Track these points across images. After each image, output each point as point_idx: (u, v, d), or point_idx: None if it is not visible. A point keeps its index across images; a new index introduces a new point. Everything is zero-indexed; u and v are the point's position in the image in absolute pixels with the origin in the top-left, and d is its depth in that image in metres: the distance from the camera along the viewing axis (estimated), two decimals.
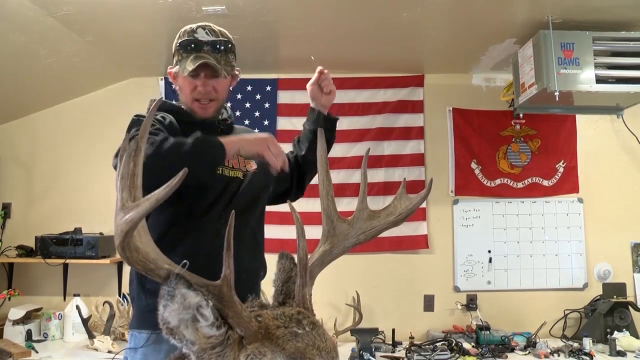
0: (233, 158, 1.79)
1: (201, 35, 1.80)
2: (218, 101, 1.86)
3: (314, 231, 1.47)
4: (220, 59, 1.80)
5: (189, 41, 1.79)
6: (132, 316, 1.83)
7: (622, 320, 3.45)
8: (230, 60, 1.85)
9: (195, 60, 1.75)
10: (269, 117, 3.91)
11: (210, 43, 1.80)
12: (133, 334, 1.75)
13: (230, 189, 1.77)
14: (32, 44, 3.07)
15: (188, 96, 1.82)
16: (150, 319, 1.66)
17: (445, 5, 2.86)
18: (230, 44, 1.86)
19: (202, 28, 1.82)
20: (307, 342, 1.04)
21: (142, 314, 1.73)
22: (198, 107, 1.83)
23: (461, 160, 3.93)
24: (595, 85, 2.98)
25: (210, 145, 1.61)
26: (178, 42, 1.83)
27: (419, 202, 1.41)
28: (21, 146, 3.95)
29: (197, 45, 1.79)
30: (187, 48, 1.80)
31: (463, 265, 3.90)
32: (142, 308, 1.72)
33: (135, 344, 1.71)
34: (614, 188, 3.92)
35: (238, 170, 1.83)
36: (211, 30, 1.83)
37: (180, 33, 1.85)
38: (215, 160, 1.65)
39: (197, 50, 1.78)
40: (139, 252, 1.05)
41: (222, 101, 1.90)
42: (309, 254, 1.21)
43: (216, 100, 1.85)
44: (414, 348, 3.32)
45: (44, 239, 3.55)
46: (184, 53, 1.80)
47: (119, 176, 1.08)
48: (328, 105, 2.01)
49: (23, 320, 3.46)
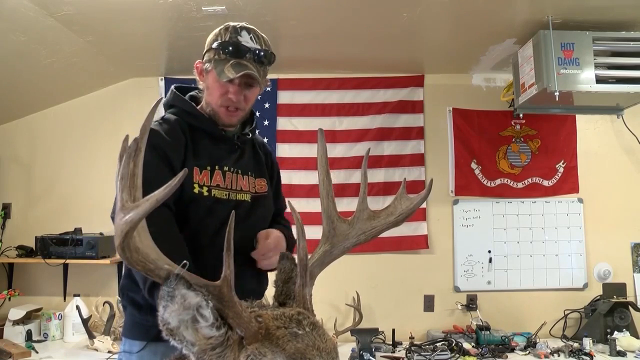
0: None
1: (245, 39, 1.67)
2: (244, 110, 1.76)
3: (314, 231, 1.48)
4: (260, 70, 1.68)
5: (233, 44, 1.65)
6: (123, 324, 1.80)
7: (622, 320, 3.45)
8: (267, 72, 1.75)
9: (237, 67, 1.63)
10: (269, 117, 3.91)
11: (254, 52, 1.67)
12: (126, 340, 1.73)
13: (239, 213, 1.65)
14: (32, 44, 3.07)
15: (216, 100, 1.70)
16: (140, 330, 1.67)
17: (445, 5, 2.86)
18: (273, 56, 1.74)
19: (247, 31, 1.69)
20: (308, 343, 1.04)
21: (132, 324, 1.72)
22: (225, 113, 1.72)
23: (461, 160, 3.93)
24: (595, 85, 2.98)
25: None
26: (218, 39, 1.68)
27: (419, 203, 1.41)
28: (21, 146, 3.95)
29: (241, 51, 1.65)
30: (228, 50, 1.65)
31: (463, 265, 3.90)
32: (132, 319, 1.72)
33: (130, 348, 1.70)
34: (614, 188, 3.92)
35: (247, 193, 1.76)
36: (256, 36, 1.70)
37: (222, 30, 1.70)
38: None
39: (239, 56, 1.65)
40: (139, 253, 1.04)
41: (248, 110, 1.80)
42: (309, 255, 1.21)
43: (243, 110, 1.75)
44: (414, 348, 3.32)
45: (44, 239, 3.55)
46: (222, 54, 1.66)
47: (118, 176, 1.08)
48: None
49: (23, 321, 3.47)
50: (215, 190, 1.68)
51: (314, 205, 3.52)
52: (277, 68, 3.90)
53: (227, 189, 1.70)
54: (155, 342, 1.62)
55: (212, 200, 1.66)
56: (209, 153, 1.71)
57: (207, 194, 1.65)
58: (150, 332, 1.63)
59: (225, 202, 1.68)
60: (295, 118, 3.91)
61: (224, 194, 1.69)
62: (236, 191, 1.72)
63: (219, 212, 1.66)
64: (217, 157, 1.72)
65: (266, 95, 3.91)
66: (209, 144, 1.72)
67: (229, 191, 1.70)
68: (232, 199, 1.70)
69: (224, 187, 1.70)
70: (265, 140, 3.86)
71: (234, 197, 1.71)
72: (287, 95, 3.95)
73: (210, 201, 1.66)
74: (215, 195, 1.67)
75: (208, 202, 1.65)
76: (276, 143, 3.90)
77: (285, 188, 3.69)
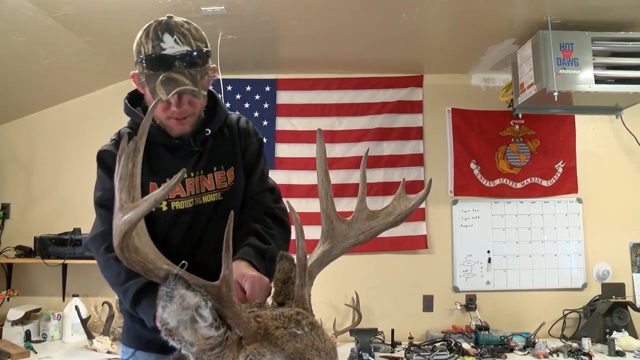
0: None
1: (169, 44, 1.46)
2: (196, 114, 1.59)
3: (313, 231, 1.47)
4: (196, 74, 1.49)
5: (156, 58, 1.46)
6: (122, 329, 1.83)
7: (621, 320, 3.45)
8: (207, 71, 1.55)
9: (168, 85, 1.44)
10: (268, 117, 3.91)
11: (182, 57, 1.47)
12: (121, 345, 1.77)
13: (202, 218, 1.63)
14: (31, 44, 3.06)
15: (161, 115, 1.54)
16: (131, 337, 1.69)
17: (445, 5, 2.86)
18: (207, 50, 1.54)
19: (169, 32, 1.47)
20: (306, 343, 1.04)
21: (126, 330, 1.75)
22: (175, 124, 1.56)
23: (460, 160, 3.93)
24: (594, 85, 2.99)
25: (141, 312, 1.44)
26: (141, 51, 1.48)
27: (418, 203, 1.41)
28: (20, 146, 3.94)
29: (167, 62, 1.46)
30: (153, 65, 1.46)
31: (462, 265, 3.90)
32: (126, 325, 1.74)
33: (123, 354, 1.75)
34: (613, 188, 3.92)
35: (214, 193, 1.66)
36: (182, 35, 1.49)
37: (142, 38, 1.49)
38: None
39: (167, 68, 1.46)
40: (137, 253, 1.05)
41: (200, 113, 1.63)
42: (308, 255, 1.21)
43: (194, 115, 1.58)
44: (413, 348, 3.32)
45: (42, 239, 3.55)
46: (150, 70, 1.47)
47: (117, 177, 1.08)
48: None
49: (22, 321, 3.46)
50: (176, 202, 1.62)
51: (313, 206, 3.52)
52: (277, 68, 3.96)
53: (190, 196, 1.63)
54: (147, 352, 1.64)
55: (173, 212, 1.62)
56: (165, 166, 1.61)
57: (166, 208, 1.61)
58: (140, 341, 1.65)
59: (189, 209, 1.63)
60: (295, 118, 3.91)
61: (188, 202, 1.63)
62: (201, 194, 1.65)
63: (182, 222, 1.62)
64: (174, 168, 1.57)
65: (265, 95, 3.91)
66: (165, 155, 1.63)
67: (193, 197, 1.63)
68: (198, 203, 1.64)
69: (185, 197, 1.63)
70: (264, 140, 3.89)
71: (200, 202, 1.64)
72: (287, 95, 3.95)
73: (170, 214, 1.61)
74: (176, 207, 1.62)
75: (169, 216, 1.61)
76: (275, 143, 3.90)
77: (284, 188, 3.73)
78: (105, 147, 1.68)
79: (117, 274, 1.49)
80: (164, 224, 1.61)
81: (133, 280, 1.44)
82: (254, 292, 1.34)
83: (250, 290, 1.34)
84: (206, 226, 1.65)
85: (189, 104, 1.53)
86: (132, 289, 1.44)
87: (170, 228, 1.62)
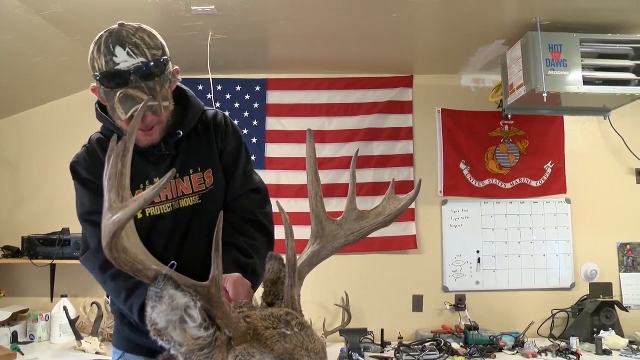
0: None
1: (122, 58, 1.39)
2: (163, 122, 1.54)
3: (302, 232, 1.47)
4: (154, 86, 1.43)
5: (110, 74, 1.40)
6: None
7: (608, 320, 3.49)
8: (167, 78, 1.48)
9: (125, 101, 1.39)
10: (258, 117, 3.90)
11: (137, 71, 1.40)
12: (112, 347, 1.78)
13: (181, 221, 1.61)
14: (19, 43, 3.04)
15: (126, 128, 1.46)
16: (120, 339, 1.71)
17: (435, 6, 2.87)
18: (164, 58, 1.46)
19: (121, 45, 1.39)
20: (296, 343, 1.04)
21: (116, 332, 1.76)
22: (142, 135, 1.51)
23: (450, 161, 3.95)
24: (582, 86, 3.01)
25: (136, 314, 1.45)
26: (95, 66, 1.43)
27: (408, 203, 1.41)
28: (8, 146, 3.91)
29: (122, 78, 1.40)
30: (109, 83, 1.42)
31: (452, 265, 3.91)
32: (116, 327, 1.75)
33: (113, 355, 1.76)
34: (601, 189, 3.96)
35: (192, 196, 1.62)
36: (134, 46, 1.40)
37: (94, 53, 1.42)
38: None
39: (123, 84, 1.40)
40: (127, 253, 1.04)
41: (168, 118, 1.57)
42: (297, 255, 1.21)
43: (161, 123, 1.53)
44: (403, 348, 3.33)
45: (30, 239, 3.52)
46: (106, 87, 1.43)
47: (106, 177, 1.07)
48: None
49: (9, 322, 3.43)
50: (151, 209, 1.59)
51: (302, 206, 3.53)
52: (267, 68, 3.95)
53: (167, 201, 1.60)
54: (136, 355, 1.65)
55: (149, 219, 1.59)
56: (136, 171, 1.49)
57: (141, 215, 1.57)
58: (130, 344, 1.66)
59: (167, 215, 1.60)
60: (285, 118, 3.91)
61: (165, 207, 1.60)
62: (179, 198, 1.61)
63: (161, 228, 1.60)
64: (146, 174, 1.59)
65: (255, 95, 3.91)
66: (136, 161, 1.52)
67: (170, 202, 1.60)
68: (177, 208, 1.61)
69: (160, 202, 1.60)
70: (254, 140, 3.91)
71: (177, 206, 1.61)
72: (277, 95, 3.94)
73: (147, 222, 1.58)
74: (152, 214, 1.59)
75: (145, 223, 1.57)
76: (265, 143, 3.89)
77: (274, 188, 3.73)
78: (76, 157, 1.69)
79: (117, 293, 1.50)
80: (142, 232, 1.57)
81: (134, 296, 1.45)
82: (237, 293, 1.34)
83: (234, 291, 1.34)
84: (187, 231, 1.63)
85: (153, 115, 1.47)
86: (135, 306, 1.44)
87: (150, 235, 1.58)
